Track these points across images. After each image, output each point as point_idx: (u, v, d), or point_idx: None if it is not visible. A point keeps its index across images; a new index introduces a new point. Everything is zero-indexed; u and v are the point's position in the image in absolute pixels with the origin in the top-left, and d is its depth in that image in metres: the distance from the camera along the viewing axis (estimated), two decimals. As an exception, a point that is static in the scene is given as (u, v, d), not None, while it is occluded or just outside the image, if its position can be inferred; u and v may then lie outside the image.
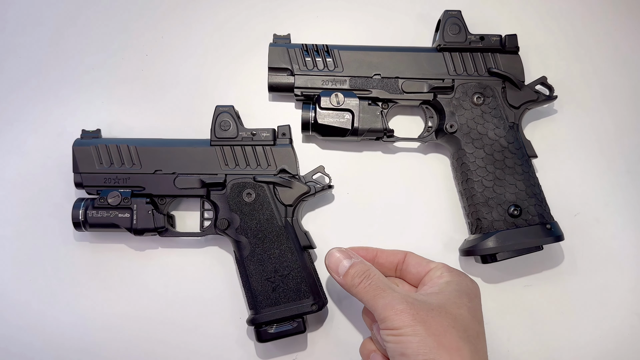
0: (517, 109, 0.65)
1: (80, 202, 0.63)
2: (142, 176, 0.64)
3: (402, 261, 0.59)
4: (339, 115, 0.65)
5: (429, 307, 0.50)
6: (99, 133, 0.67)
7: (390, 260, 0.60)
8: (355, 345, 0.64)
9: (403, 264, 0.59)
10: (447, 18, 0.67)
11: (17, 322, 0.66)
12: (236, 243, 0.62)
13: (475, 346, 0.49)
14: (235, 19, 0.74)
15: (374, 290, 0.53)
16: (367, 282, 0.54)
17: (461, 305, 0.51)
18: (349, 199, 0.69)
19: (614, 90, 0.72)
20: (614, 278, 0.66)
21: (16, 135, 0.71)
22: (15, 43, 0.74)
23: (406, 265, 0.59)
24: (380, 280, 0.54)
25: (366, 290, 0.54)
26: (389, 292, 0.52)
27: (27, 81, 0.73)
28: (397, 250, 0.60)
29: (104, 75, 0.73)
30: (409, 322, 0.48)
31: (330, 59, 0.67)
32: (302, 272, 0.61)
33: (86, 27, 0.74)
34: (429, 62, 0.66)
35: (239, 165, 0.64)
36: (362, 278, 0.55)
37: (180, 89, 0.72)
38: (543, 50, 0.73)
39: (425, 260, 0.58)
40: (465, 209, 0.65)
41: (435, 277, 0.55)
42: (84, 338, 0.66)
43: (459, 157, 0.64)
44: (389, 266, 0.60)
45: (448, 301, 0.51)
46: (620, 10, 0.74)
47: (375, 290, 0.53)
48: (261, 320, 0.60)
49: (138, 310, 0.66)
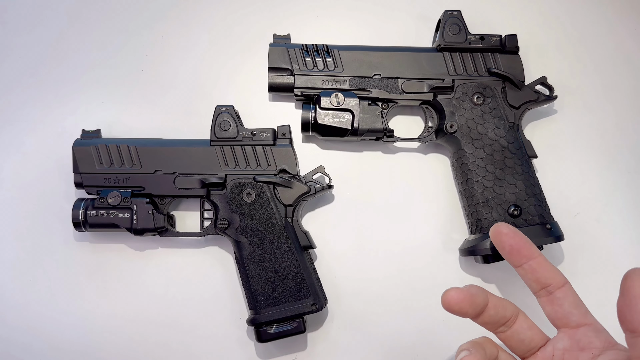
0: (517, 109, 0.65)
1: (80, 202, 0.63)
2: (142, 176, 0.64)
3: (514, 319, 0.46)
4: (339, 115, 0.65)
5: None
6: (99, 133, 0.67)
7: (501, 314, 0.46)
8: (355, 345, 0.65)
9: (514, 324, 0.46)
10: (447, 18, 0.67)
11: (17, 323, 0.66)
12: (236, 243, 0.62)
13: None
14: (235, 19, 0.74)
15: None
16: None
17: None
18: (349, 199, 0.69)
19: (614, 90, 0.72)
20: (614, 278, 0.66)
21: (16, 135, 0.71)
22: (15, 43, 0.74)
23: (518, 326, 0.46)
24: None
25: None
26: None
27: (27, 81, 0.73)
28: (507, 302, 0.46)
29: (104, 75, 0.73)
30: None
31: (330, 59, 0.67)
32: (302, 272, 0.61)
33: (86, 27, 0.74)
34: (429, 62, 0.66)
35: (239, 165, 0.64)
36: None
37: (180, 89, 0.72)
38: (543, 50, 0.73)
39: (538, 329, 0.46)
40: (465, 209, 0.65)
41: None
42: (83, 338, 0.65)
43: (459, 157, 0.64)
44: (494, 320, 0.46)
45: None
46: (620, 10, 0.74)
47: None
48: (261, 320, 0.60)
49: (138, 310, 0.66)
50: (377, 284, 0.66)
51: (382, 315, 0.65)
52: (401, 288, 0.66)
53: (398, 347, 0.65)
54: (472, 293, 0.44)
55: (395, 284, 0.66)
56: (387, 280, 0.66)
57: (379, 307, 0.66)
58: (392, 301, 0.66)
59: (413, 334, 0.65)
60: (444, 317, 0.65)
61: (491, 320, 0.45)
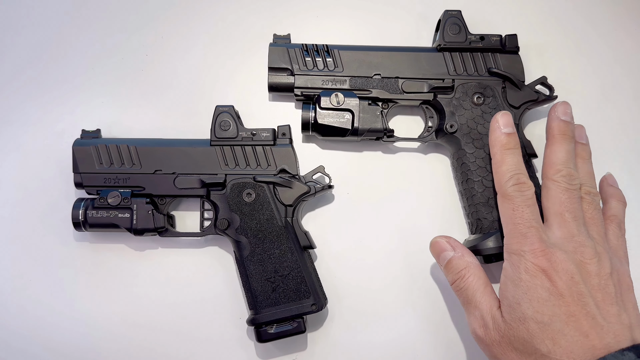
0: (517, 109, 0.65)
1: (80, 202, 0.63)
2: (142, 176, 0.64)
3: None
4: (339, 115, 0.65)
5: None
6: (99, 133, 0.67)
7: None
8: (355, 345, 0.65)
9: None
10: (447, 18, 0.67)
11: (15, 324, 0.66)
12: (236, 243, 0.62)
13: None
14: (235, 19, 0.74)
15: (462, 299, 0.56)
16: (460, 284, 0.56)
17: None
18: (349, 199, 0.69)
19: (614, 90, 0.72)
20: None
21: (16, 135, 0.71)
22: (14, 42, 0.74)
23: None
24: (472, 287, 0.55)
25: (458, 294, 0.57)
26: (472, 310, 0.54)
27: (26, 81, 0.73)
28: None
29: (103, 75, 0.73)
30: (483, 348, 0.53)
31: (330, 59, 0.67)
32: (302, 272, 0.61)
33: (86, 27, 0.74)
34: (429, 62, 0.66)
35: (239, 165, 0.64)
36: (456, 278, 0.56)
37: (180, 89, 0.72)
38: (543, 50, 0.73)
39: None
40: (465, 209, 0.65)
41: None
42: (83, 338, 0.65)
43: (459, 157, 0.64)
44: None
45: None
46: (620, 10, 0.74)
47: (464, 300, 0.56)
48: (261, 320, 0.60)
49: (138, 310, 0.66)
50: (377, 283, 0.66)
51: (382, 315, 0.65)
52: (401, 288, 0.66)
53: (398, 347, 0.65)
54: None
55: (396, 283, 0.66)
56: (387, 280, 0.66)
57: (379, 307, 0.66)
58: (392, 301, 0.66)
59: (413, 333, 0.65)
60: (444, 317, 0.66)
61: None
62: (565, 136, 0.57)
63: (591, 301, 0.48)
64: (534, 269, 0.50)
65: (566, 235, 0.52)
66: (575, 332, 0.47)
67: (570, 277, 0.49)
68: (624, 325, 0.48)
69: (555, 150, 0.56)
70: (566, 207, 0.53)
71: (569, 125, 0.58)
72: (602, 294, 0.49)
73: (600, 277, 0.50)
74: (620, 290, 0.51)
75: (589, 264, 0.50)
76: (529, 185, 0.54)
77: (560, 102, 0.59)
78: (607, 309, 0.49)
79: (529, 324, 0.49)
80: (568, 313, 0.48)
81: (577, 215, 0.53)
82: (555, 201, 0.54)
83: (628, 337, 0.48)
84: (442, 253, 0.58)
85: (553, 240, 0.52)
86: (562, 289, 0.48)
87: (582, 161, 0.59)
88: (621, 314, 0.49)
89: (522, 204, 0.53)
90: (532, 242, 0.51)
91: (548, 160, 0.57)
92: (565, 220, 0.52)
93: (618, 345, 0.46)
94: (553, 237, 0.52)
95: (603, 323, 0.48)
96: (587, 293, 0.49)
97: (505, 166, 0.55)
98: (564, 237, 0.52)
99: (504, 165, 0.55)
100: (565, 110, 0.58)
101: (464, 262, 0.56)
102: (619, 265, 0.53)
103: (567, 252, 0.50)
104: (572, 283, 0.49)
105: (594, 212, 0.55)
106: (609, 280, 0.50)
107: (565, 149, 0.56)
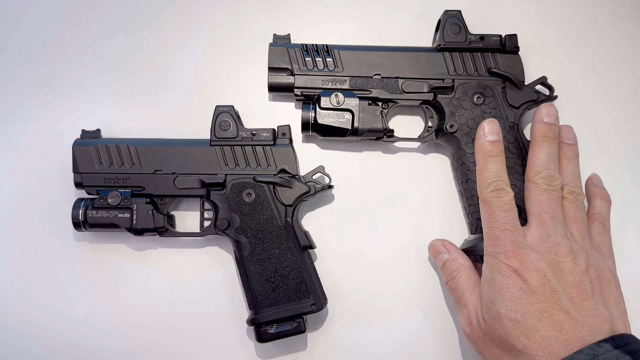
0: (517, 109, 0.65)
1: (80, 202, 0.63)
2: (142, 176, 0.64)
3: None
4: (339, 115, 0.65)
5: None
6: (99, 133, 0.67)
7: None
8: (355, 345, 0.65)
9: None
10: (447, 18, 0.67)
11: (15, 324, 0.66)
12: (236, 243, 0.62)
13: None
14: (235, 19, 0.74)
15: (454, 298, 0.60)
16: (452, 285, 0.59)
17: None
18: (349, 199, 0.69)
19: (614, 90, 0.72)
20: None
21: (16, 135, 0.71)
22: (14, 42, 0.74)
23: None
24: (462, 287, 0.58)
25: (451, 294, 0.60)
26: (462, 308, 0.57)
27: (26, 81, 0.73)
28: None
29: (103, 74, 0.73)
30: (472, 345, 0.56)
31: (330, 59, 0.67)
32: (302, 272, 0.61)
33: (86, 27, 0.74)
34: (429, 62, 0.66)
35: (238, 165, 0.64)
36: (448, 279, 0.60)
37: (180, 89, 0.72)
38: (543, 50, 0.73)
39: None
40: (465, 209, 0.65)
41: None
42: (83, 338, 0.66)
43: (459, 157, 0.64)
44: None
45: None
46: (620, 10, 0.74)
47: (455, 299, 0.59)
48: (261, 320, 0.60)
49: (138, 310, 0.66)
50: (377, 283, 0.66)
51: (382, 314, 0.65)
52: (401, 288, 0.66)
53: (398, 346, 0.65)
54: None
55: (396, 283, 0.66)
56: (387, 280, 0.66)
57: (379, 306, 0.66)
58: (392, 301, 0.66)
59: (413, 333, 0.65)
60: (444, 316, 0.66)
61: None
62: (547, 138, 0.59)
63: (564, 297, 0.50)
64: (506, 270, 0.52)
65: (542, 235, 0.54)
66: (548, 328, 0.49)
67: (542, 275, 0.51)
68: (601, 318, 0.50)
69: (536, 152, 0.58)
70: (544, 207, 0.55)
71: (550, 127, 0.59)
72: (577, 290, 0.51)
73: (575, 274, 0.52)
74: (600, 285, 0.53)
75: (563, 262, 0.52)
76: (507, 191, 0.56)
77: (544, 104, 0.61)
78: (582, 303, 0.50)
79: (503, 322, 0.50)
80: (541, 309, 0.49)
81: (555, 215, 0.54)
82: (534, 202, 0.56)
83: (606, 329, 0.49)
84: (438, 255, 0.63)
85: (530, 241, 0.54)
86: (534, 286, 0.50)
87: (568, 161, 0.60)
88: (598, 307, 0.50)
89: (499, 209, 0.54)
90: (505, 244, 0.53)
91: (529, 162, 0.59)
92: (542, 221, 0.54)
93: (594, 338, 0.48)
94: (531, 237, 0.54)
95: (577, 317, 0.49)
96: (561, 289, 0.50)
97: (487, 172, 0.57)
98: (540, 238, 0.54)
99: (485, 172, 0.57)
100: (549, 112, 0.60)
101: (457, 264, 0.60)
102: (600, 262, 0.55)
103: (540, 252, 0.52)
104: (545, 281, 0.50)
105: (576, 210, 0.56)
106: (585, 277, 0.52)
107: (546, 151, 0.58)
